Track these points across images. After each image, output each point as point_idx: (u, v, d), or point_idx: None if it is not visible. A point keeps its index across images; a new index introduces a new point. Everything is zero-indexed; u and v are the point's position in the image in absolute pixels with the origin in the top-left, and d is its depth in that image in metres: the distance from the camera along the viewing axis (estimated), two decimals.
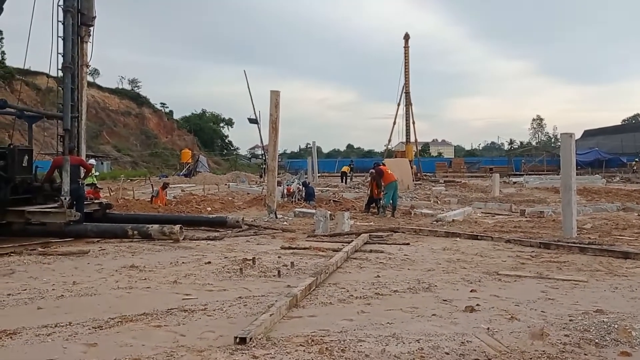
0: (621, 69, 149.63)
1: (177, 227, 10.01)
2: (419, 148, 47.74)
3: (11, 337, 4.57)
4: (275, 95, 14.32)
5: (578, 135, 71.03)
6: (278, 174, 30.32)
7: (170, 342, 4.46)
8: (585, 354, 4.12)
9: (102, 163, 44.46)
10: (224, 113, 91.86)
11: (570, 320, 5.00)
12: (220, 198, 19.79)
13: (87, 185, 13.42)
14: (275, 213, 14.18)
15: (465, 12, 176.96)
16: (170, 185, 19.12)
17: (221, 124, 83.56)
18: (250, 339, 4.35)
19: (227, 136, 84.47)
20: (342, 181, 34.74)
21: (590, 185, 27.84)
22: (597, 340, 4.38)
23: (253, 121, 29.54)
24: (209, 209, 16.28)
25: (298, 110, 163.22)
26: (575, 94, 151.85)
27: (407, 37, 40.57)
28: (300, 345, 4.35)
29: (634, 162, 46.28)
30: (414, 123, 41.31)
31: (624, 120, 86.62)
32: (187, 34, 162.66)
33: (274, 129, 14.31)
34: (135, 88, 76.19)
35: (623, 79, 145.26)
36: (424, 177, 38.49)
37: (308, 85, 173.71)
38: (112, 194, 20.59)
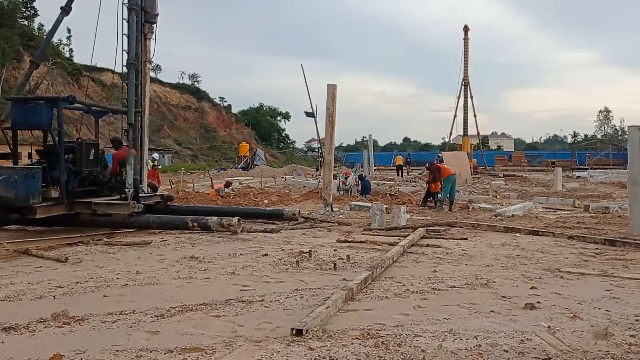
0: None
1: (235, 220, 10.24)
2: (479, 141, 46.57)
3: (79, 323, 4.80)
4: (331, 89, 14.37)
5: None
6: (334, 167, 30.47)
7: (229, 331, 4.59)
8: None
9: (163, 156, 45.97)
10: (281, 107, 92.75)
11: (636, 321, 4.79)
12: (277, 191, 20.08)
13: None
14: (331, 206, 14.25)
15: (528, 2, 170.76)
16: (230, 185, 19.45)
17: (278, 118, 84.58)
18: (307, 330, 4.40)
19: (283, 130, 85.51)
20: (398, 174, 34.49)
21: None
22: None
23: (310, 115, 29.74)
24: (266, 201, 16.54)
25: (356, 103, 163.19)
26: None
27: (466, 29, 39.70)
28: (356, 338, 4.38)
29: None
30: (475, 116, 40.47)
31: None
32: (245, 28, 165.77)
33: (331, 122, 14.36)
34: (195, 83, 78.10)
35: None
36: (484, 171, 37.57)
37: (366, 79, 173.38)
38: (173, 186, 21.25)
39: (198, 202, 15.60)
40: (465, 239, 9.78)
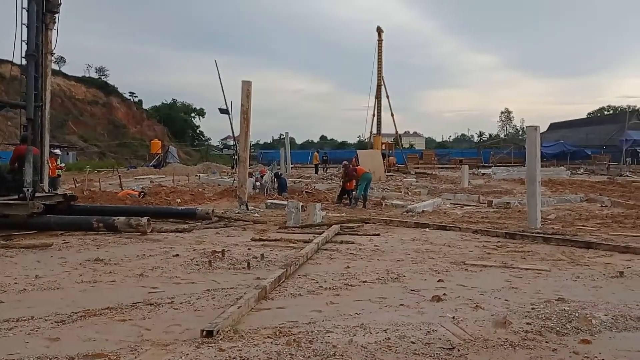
0: (587, 63, 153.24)
1: (144, 219, 9.87)
2: (394, 140, 47.81)
3: None
4: (246, 86, 14.19)
5: (545, 128, 72.58)
6: (250, 165, 30.06)
7: (135, 336, 4.40)
8: (546, 342, 4.22)
9: (67, 153, 43.45)
10: (196, 103, 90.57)
11: (532, 309, 5.11)
12: (190, 190, 19.57)
13: None
14: (247, 205, 14.09)
15: (438, 6, 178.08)
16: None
17: (192, 114, 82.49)
18: (218, 331, 4.32)
19: (198, 126, 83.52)
20: (316, 172, 34.76)
21: (555, 177, 28.52)
22: (558, 328, 4.49)
23: (224, 111, 29.17)
24: (179, 200, 16.08)
25: (272, 101, 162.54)
26: (542, 88, 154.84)
27: (380, 31, 40.52)
28: (268, 337, 4.35)
29: None
30: (392, 115, 41.47)
31: (589, 114, 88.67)
32: (156, 20, 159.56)
33: (246, 120, 14.19)
34: (103, 76, 74.63)
35: (589, 73, 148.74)
36: (404, 169, 38.70)
37: (283, 76, 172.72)
38: (77, 185, 20.14)
39: (105, 201, 14.87)
40: (378, 234, 10.02)
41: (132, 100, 74.99)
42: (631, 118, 55.66)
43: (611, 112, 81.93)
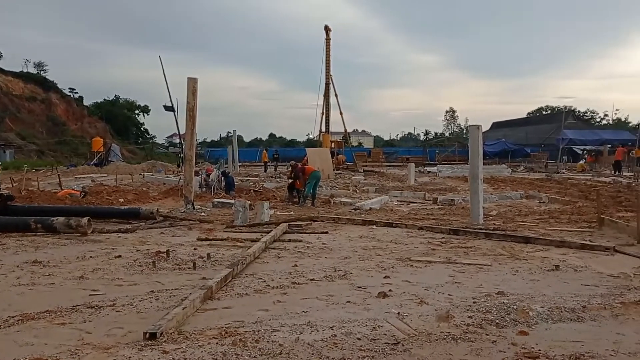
0: (526, 65, 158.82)
1: (84, 220, 9.55)
2: (343, 138, 48.16)
3: None
4: (192, 83, 13.95)
5: (487, 127, 74.92)
6: (196, 163, 29.57)
7: (75, 339, 4.26)
8: (486, 334, 4.36)
9: (4, 152, 41.46)
10: (140, 100, 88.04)
11: (474, 303, 5.27)
12: (134, 189, 19.05)
13: None
14: (193, 204, 13.87)
15: (383, 5, 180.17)
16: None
17: (136, 111, 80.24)
18: (161, 333, 4.24)
19: (142, 124, 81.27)
20: (265, 170, 34.56)
21: (497, 175, 29.50)
22: (497, 321, 4.65)
23: (169, 109, 28.53)
24: (122, 200, 15.63)
25: (219, 98, 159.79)
26: (485, 88, 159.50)
27: (327, 29, 40.69)
28: (214, 337, 4.31)
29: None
30: (341, 113, 41.70)
31: (529, 113, 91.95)
32: (97, 13, 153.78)
33: (191, 117, 13.94)
34: (42, 72, 71.42)
35: (529, 74, 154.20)
36: (354, 167, 39.00)
37: (230, 73, 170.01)
38: (14, 184, 19.25)
39: (44, 201, 14.29)
40: (326, 232, 10.07)
41: (72, 96, 72.15)
42: (567, 118, 58.31)
43: (549, 112, 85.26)
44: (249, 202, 12.25)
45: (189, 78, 14.01)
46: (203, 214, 13.12)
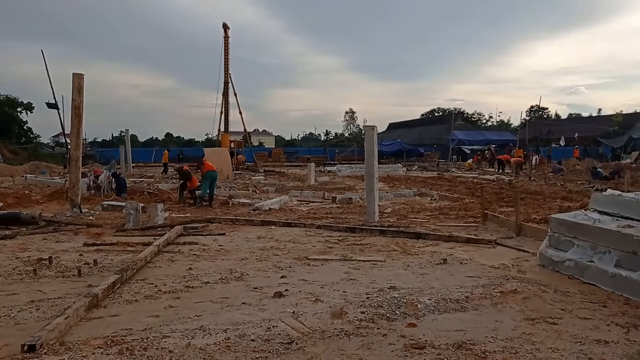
0: (420, 68, 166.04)
1: None
2: (243, 138, 47.59)
3: None
4: (78, 79, 13.12)
5: (384, 128, 77.68)
6: (86, 164, 27.86)
7: None
8: (377, 328, 4.48)
9: None
10: (22, 96, 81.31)
11: (367, 298, 5.40)
12: (15, 192, 17.56)
13: None
14: (80, 207, 13.03)
15: (283, 5, 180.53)
16: None
17: (19, 109, 74.26)
18: (41, 345, 3.98)
19: (25, 122, 75.35)
20: (164, 172, 33.25)
21: (393, 173, 30.63)
22: (388, 315, 4.79)
23: (52, 106, 26.64)
24: (0, 204, 14.36)
25: (111, 95, 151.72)
26: (382, 90, 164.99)
27: (226, 27, 40.01)
28: (99, 347, 4.08)
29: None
30: (240, 113, 41.14)
31: (422, 115, 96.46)
32: None
33: (77, 115, 13.10)
34: None
35: (423, 77, 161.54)
36: (246, 167, 38.61)
37: (121, 70, 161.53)
38: None
39: None
40: (223, 234, 9.88)
41: None
42: (457, 119, 62.00)
43: (441, 113, 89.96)
44: (141, 205, 11.73)
45: (75, 74, 13.18)
46: (91, 217, 12.39)
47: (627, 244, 5.78)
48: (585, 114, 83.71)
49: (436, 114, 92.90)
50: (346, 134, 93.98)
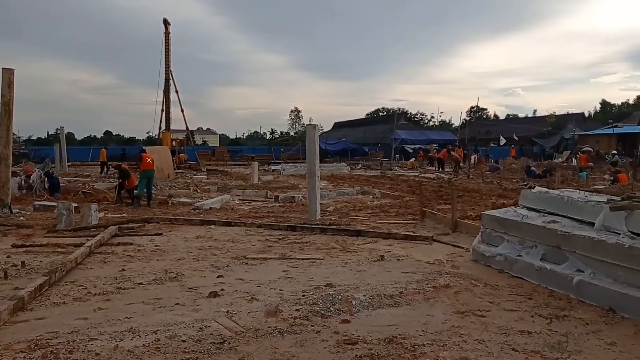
0: (365, 69, 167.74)
1: None
2: (186, 136, 46.63)
3: None
4: (7, 74, 12.57)
5: (329, 127, 78.20)
6: (19, 163, 26.67)
7: None
8: (312, 325, 4.50)
9: None
10: None
11: (303, 296, 5.42)
12: None
13: None
14: (10, 207, 12.45)
15: (226, 3, 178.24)
16: None
17: None
18: None
19: None
20: (101, 171, 32.14)
21: (337, 172, 30.90)
22: (323, 312, 4.83)
23: None
24: None
25: (46, 92, 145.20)
26: (328, 89, 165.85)
27: (166, 23, 39.06)
28: (21, 351, 3.94)
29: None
30: (182, 110, 40.24)
31: (367, 115, 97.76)
32: None
33: (7, 112, 12.55)
34: None
35: (367, 77, 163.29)
36: (189, 166, 37.87)
37: (57, 66, 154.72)
38: None
39: None
40: (160, 234, 9.67)
41: None
42: (400, 119, 63.17)
43: (385, 113, 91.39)
44: (74, 205, 11.32)
45: (4, 69, 12.63)
46: (22, 218, 11.86)
47: (552, 239, 6.06)
48: (522, 115, 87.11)
49: (380, 113, 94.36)
50: (292, 133, 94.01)
